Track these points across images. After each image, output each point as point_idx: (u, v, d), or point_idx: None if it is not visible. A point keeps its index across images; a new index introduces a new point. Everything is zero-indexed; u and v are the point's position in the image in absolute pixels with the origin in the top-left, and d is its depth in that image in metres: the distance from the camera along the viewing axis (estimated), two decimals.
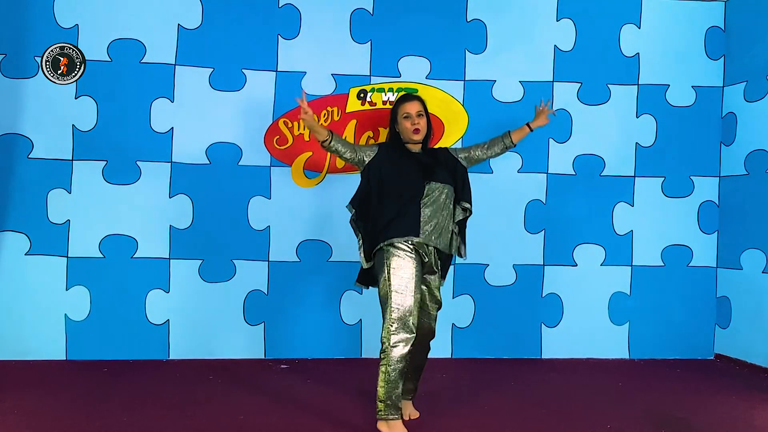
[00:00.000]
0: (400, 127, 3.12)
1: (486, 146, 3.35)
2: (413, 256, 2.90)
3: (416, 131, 3.07)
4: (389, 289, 2.83)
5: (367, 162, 3.09)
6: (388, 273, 2.85)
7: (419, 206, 2.96)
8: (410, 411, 3.17)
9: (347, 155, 3.10)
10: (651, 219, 4.59)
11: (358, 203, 3.05)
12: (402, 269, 2.85)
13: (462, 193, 3.13)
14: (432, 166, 3.06)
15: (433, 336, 3.11)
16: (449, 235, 3.08)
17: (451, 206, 3.10)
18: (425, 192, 2.99)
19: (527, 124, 3.46)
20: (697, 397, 3.70)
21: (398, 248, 2.88)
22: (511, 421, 3.18)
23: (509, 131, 3.40)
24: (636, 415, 3.30)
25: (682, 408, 3.45)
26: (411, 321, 2.81)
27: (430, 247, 2.98)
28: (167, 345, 4.22)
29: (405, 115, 3.09)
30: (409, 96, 3.19)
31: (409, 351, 2.82)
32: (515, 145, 3.44)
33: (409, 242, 2.91)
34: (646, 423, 3.18)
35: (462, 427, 3.07)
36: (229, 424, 3.02)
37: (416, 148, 3.14)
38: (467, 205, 3.13)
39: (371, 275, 3.07)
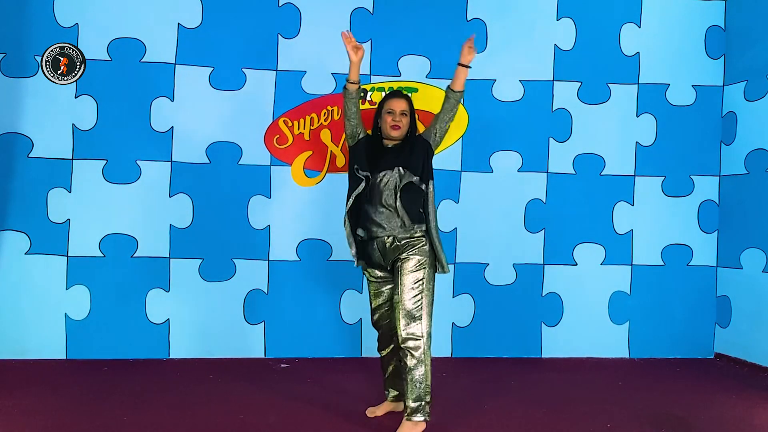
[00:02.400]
0: (381, 121, 3.11)
1: (439, 115, 3.13)
2: (372, 271, 3.13)
3: (395, 128, 3.05)
4: None
5: (354, 141, 3.12)
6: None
7: (363, 206, 3.02)
8: (383, 410, 3.19)
9: (354, 116, 3.09)
10: (651, 218, 4.59)
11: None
12: (368, 288, 3.21)
13: (420, 170, 3.02)
14: (385, 158, 3.03)
15: (397, 337, 2.93)
16: (400, 219, 2.98)
17: (412, 192, 3.02)
18: (371, 186, 3.00)
19: (459, 64, 3.12)
20: (697, 396, 3.70)
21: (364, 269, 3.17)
22: (511, 421, 3.18)
23: (448, 86, 3.13)
24: (636, 415, 3.30)
25: (682, 407, 3.45)
26: (373, 319, 3.21)
27: (384, 240, 3.00)
28: (167, 344, 4.23)
29: (388, 110, 3.08)
30: (398, 93, 3.17)
31: (383, 352, 3.19)
32: (461, 91, 3.10)
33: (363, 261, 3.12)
34: (646, 422, 3.18)
35: (462, 427, 3.07)
36: (229, 424, 3.02)
37: (392, 143, 3.11)
38: (411, 177, 3.00)
39: None
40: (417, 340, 2.88)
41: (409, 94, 4.30)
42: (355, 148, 3.12)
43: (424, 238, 3.01)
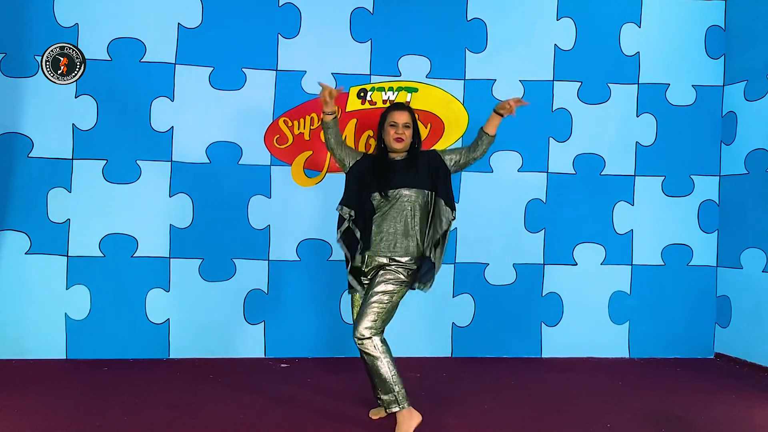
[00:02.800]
0: (385, 134, 3.15)
1: (469, 149, 3.19)
2: (354, 282, 3.14)
3: (398, 140, 3.09)
4: None
5: (348, 167, 3.16)
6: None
7: (371, 222, 3.06)
8: (379, 414, 3.21)
9: (334, 146, 3.17)
10: (651, 218, 4.59)
11: (354, 206, 3.09)
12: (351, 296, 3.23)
13: (445, 196, 3.09)
14: (397, 173, 3.08)
15: (356, 341, 2.98)
16: (411, 241, 3.05)
17: (423, 211, 3.08)
18: (381, 203, 3.05)
19: (494, 111, 3.17)
20: (697, 396, 3.70)
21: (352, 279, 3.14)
22: (511, 421, 3.18)
23: (482, 128, 3.17)
24: (636, 415, 3.30)
25: (682, 407, 3.45)
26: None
27: (375, 259, 3.06)
28: (167, 344, 4.23)
29: (391, 123, 3.12)
30: (400, 105, 3.20)
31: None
32: (495, 136, 3.17)
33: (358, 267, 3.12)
34: (646, 422, 3.18)
35: (462, 427, 3.07)
36: (229, 424, 3.02)
37: (398, 156, 3.17)
38: (450, 216, 3.06)
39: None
40: (364, 339, 2.90)
41: (410, 95, 4.32)
42: (349, 175, 3.15)
43: (414, 262, 3.06)
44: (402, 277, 3.03)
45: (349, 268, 3.12)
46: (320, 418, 3.15)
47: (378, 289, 2.98)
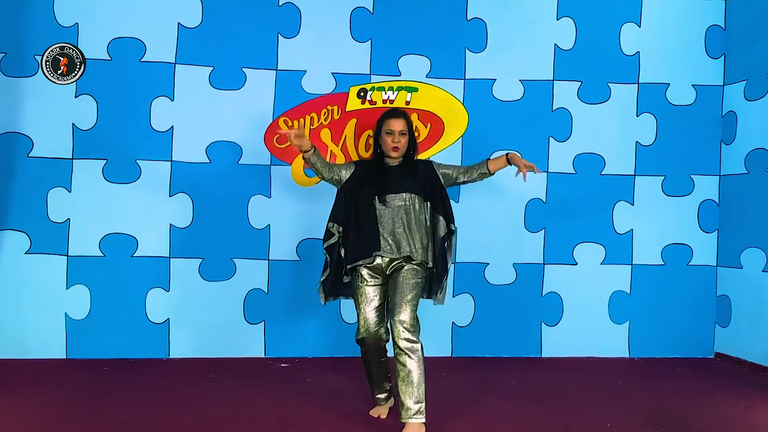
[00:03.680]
0: (382, 141, 3.16)
1: (464, 170, 3.26)
2: (368, 278, 3.07)
3: (395, 149, 3.12)
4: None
5: (343, 181, 3.17)
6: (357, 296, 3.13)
7: (375, 225, 3.06)
8: (381, 411, 3.23)
9: (324, 173, 3.17)
10: (651, 218, 4.59)
11: (341, 221, 3.11)
12: (360, 295, 3.09)
13: (443, 211, 3.15)
14: (396, 178, 3.10)
15: (381, 340, 3.08)
16: (416, 243, 3.06)
17: (422, 216, 3.11)
18: (381, 208, 3.06)
19: (506, 156, 3.25)
20: (697, 395, 3.70)
21: (360, 273, 3.07)
22: (510, 420, 3.18)
23: (488, 160, 3.25)
24: (636, 414, 3.30)
25: (681, 407, 3.45)
26: (362, 331, 3.10)
27: (385, 258, 3.05)
28: (167, 344, 4.23)
29: (388, 131, 3.13)
30: (396, 112, 3.21)
31: (364, 356, 3.16)
32: (492, 174, 3.26)
33: (367, 262, 3.05)
34: (646, 422, 3.18)
35: (462, 427, 3.07)
36: (229, 424, 3.02)
37: (395, 162, 3.18)
38: (452, 227, 3.16)
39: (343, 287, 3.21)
40: (415, 343, 2.91)
41: (410, 95, 4.32)
42: (340, 191, 3.17)
43: (425, 261, 3.09)
44: (421, 270, 3.06)
45: (324, 277, 3.14)
46: (320, 417, 3.15)
47: (408, 286, 2.98)
